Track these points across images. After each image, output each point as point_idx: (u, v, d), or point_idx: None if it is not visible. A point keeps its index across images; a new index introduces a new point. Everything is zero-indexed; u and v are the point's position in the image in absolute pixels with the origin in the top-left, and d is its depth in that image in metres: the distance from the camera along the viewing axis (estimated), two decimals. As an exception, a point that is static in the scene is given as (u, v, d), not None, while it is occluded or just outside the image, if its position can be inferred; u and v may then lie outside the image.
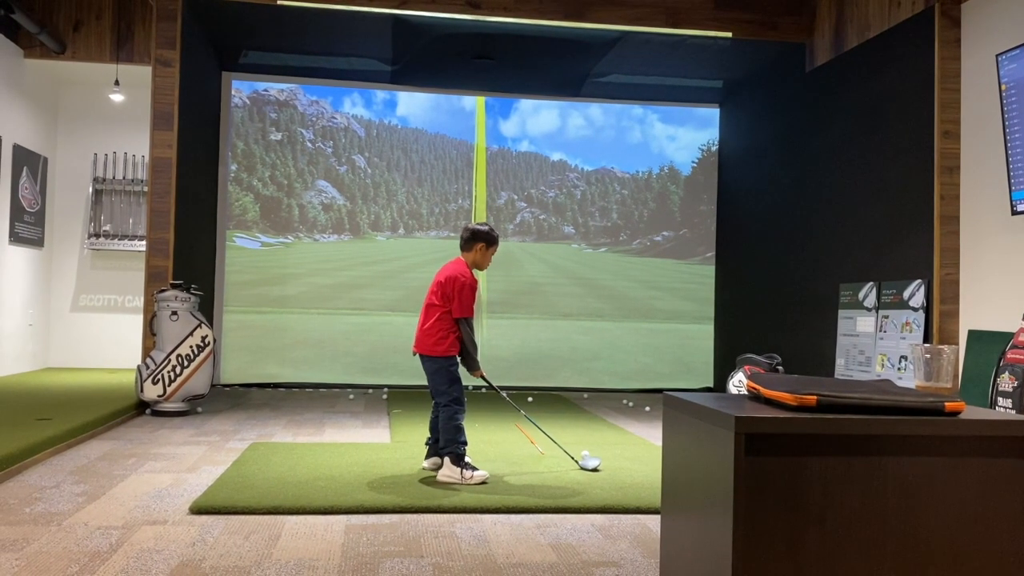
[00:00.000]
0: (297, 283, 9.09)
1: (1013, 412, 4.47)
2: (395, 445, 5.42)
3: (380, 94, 9.34)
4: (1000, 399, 4.60)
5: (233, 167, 8.99)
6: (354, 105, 9.32)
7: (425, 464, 4.63)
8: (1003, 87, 5.27)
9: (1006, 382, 4.58)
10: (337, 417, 6.70)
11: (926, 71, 6.01)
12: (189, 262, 7.58)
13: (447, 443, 4.37)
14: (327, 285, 9.16)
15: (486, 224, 4.64)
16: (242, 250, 9.00)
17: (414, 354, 4.55)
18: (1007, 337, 4.85)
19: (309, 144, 9.22)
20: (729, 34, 7.74)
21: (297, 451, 5.08)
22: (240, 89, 9.05)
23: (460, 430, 4.39)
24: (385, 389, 8.63)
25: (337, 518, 3.64)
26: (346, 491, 4.04)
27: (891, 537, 1.92)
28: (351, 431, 6.01)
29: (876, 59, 6.66)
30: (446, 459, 4.36)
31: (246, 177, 9.04)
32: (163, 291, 6.55)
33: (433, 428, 4.61)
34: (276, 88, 9.15)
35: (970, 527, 1.94)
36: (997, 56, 5.31)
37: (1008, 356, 4.64)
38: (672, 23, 7.65)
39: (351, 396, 8.13)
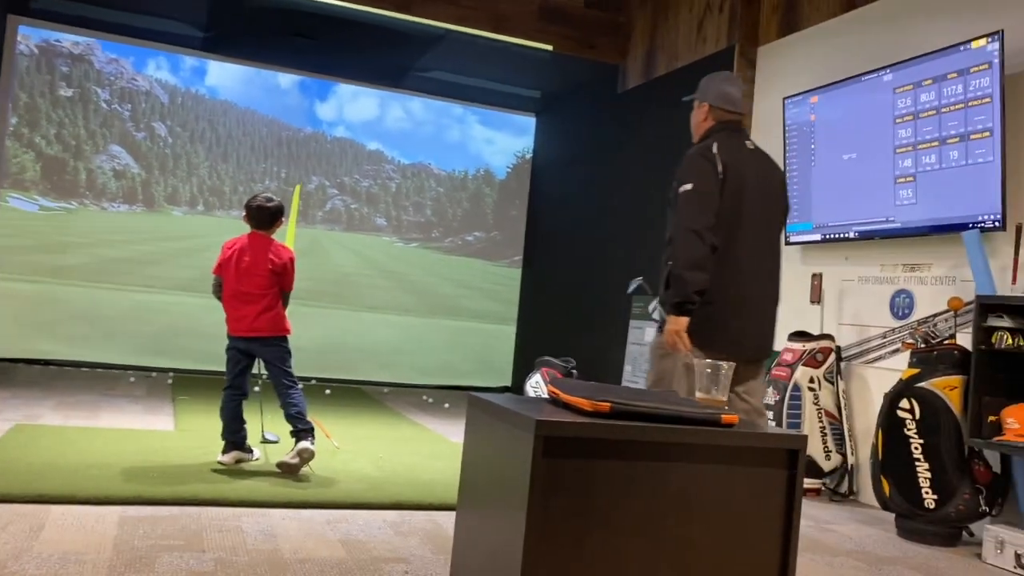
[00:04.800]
0: (79, 253, 8.37)
1: (774, 424, 4.93)
2: (180, 434, 5.13)
3: (189, 60, 8.81)
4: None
5: (13, 120, 8.14)
6: (159, 68, 8.73)
7: (224, 459, 4.33)
8: (786, 129, 5.80)
9: (769, 396, 5.05)
10: (115, 401, 6.25)
11: (724, 105, 6.48)
12: (-49, 220, 6.78)
13: (306, 423, 4.33)
14: (113, 258, 8.51)
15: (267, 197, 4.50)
16: (17, 211, 8.17)
17: (244, 339, 4.34)
18: (774, 355, 5.34)
19: (104, 105, 8.53)
20: (550, 47, 7.97)
21: (68, 435, 4.69)
22: (28, 36, 8.21)
23: None
24: (171, 374, 8.13)
25: (110, 509, 3.40)
26: (122, 480, 3.78)
27: (668, 539, 2.06)
28: (131, 416, 5.63)
29: (681, 88, 7.08)
30: (307, 440, 4.27)
31: (27, 133, 8.22)
32: (-84, 251, 5.83)
33: (238, 418, 4.37)
34: (70, 40, 8.38)
35: (736, 530, 2.12)
36: (784, 99, 5.84)
37: (773, 372, 5.13)
38: (496, 28, 7.76)
39: (132, 379, 7.60)
